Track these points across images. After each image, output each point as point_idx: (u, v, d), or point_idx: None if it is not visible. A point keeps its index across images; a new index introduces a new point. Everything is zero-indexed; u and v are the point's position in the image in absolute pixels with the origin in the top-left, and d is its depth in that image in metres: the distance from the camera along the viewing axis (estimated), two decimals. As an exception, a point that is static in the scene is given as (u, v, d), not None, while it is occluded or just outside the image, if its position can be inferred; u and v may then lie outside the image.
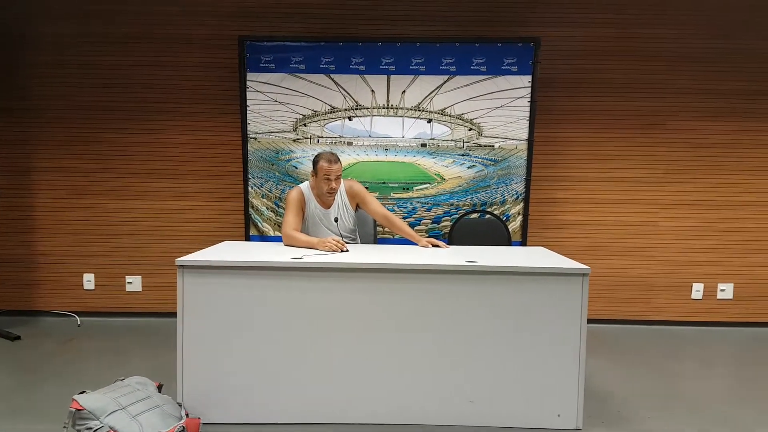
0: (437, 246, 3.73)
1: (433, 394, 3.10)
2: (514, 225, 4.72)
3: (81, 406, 2.68)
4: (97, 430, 2.63)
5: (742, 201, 5.15)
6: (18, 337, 4.59)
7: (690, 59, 5.01)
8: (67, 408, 2.71)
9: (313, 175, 3.76)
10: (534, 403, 3.10)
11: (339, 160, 3.72)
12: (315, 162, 3.72)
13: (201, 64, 5.04)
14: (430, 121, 4.67)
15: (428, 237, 3.86)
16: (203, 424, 2.94)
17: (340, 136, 4.72)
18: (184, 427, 2.76)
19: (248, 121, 4.68)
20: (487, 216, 4.60)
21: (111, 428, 2.64)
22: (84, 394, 2.79)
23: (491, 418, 3.10)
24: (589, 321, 5.02)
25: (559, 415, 3.10)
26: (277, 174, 4.75)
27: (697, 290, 5.22)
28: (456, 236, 4.41)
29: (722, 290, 5.23)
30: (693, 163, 5.11)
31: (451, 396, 3.10)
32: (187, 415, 2.91)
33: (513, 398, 3.10)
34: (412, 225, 4.69)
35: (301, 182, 3.98)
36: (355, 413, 3.11)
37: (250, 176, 4.74)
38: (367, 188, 4.04)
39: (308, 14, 4.95)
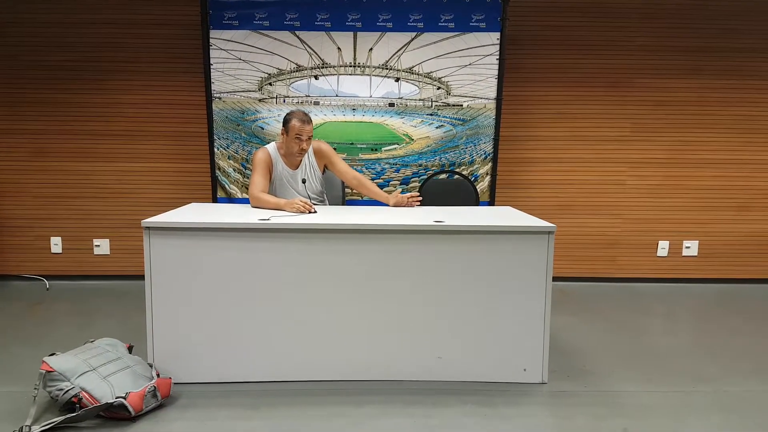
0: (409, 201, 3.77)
1: (401, 350, 3.16)
2: (483, 185, 4.75)
3: (51, 367, 2.68)
4: (68, 391, 2.65)
5: (707, 159, 5.24)
6: (-16, 302, 4.55)
7: (656, 16, 5.03)
8: (37, 370, 2.72)
9: (283, 134, 3.72)
10: (500, 359, 3.18)
11: (311, 121, 3.69)
12: (286, 120, 3.67)
13: (161, 21, 4.91)
14: (398, 80, 4.63)
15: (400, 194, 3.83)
16: (174, 383, 2.96)
17: (307, 96, 4.66)
18: (155, 387, 2.78)
19: (212, 80, 4.57)
20: (456, 176, 4.63)
21: (82, 389, 2.65)
22: (54, 356, 2.80)
23: (458, 373, 3.18)
24: (557, 279, 5.21)
25: (525, 370, 3.18)
26: (243, 135, 4.69)
27: (663, 248, 5.34)
28: (424, 197, 4.41)
29: (687, 247, 5.35)
30: (659, 121, 5.18)
31: (419, 352, 3.17)
32: (158, 375, 2.94)
33: (480, 354, 3.17)
34: (380, 186, 4.69)
35: (268, 143, 3.93)
36: (323, 371, 3.16)
37: (215, 137, 4.67)
38: (335, 149, 4.02)
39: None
